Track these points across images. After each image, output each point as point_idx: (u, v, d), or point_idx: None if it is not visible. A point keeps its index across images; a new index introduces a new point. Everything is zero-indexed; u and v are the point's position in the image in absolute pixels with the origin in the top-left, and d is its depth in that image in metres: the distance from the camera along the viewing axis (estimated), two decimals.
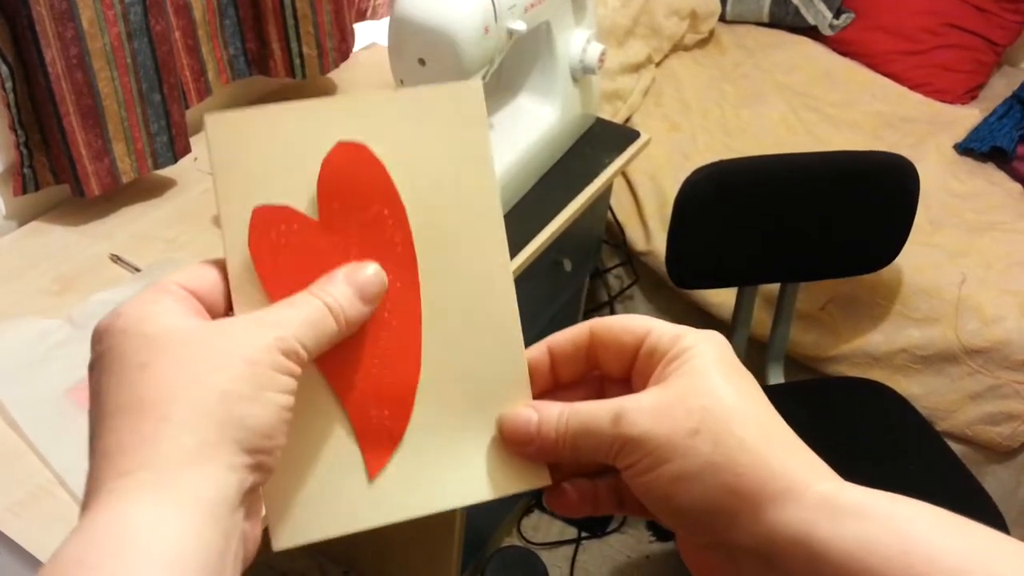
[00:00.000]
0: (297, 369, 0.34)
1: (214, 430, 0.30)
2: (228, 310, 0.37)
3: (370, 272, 0.37)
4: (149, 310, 0.33)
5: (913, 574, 0.30)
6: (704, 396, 0.34)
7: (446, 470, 0.38)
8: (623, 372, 0.39)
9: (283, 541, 0.37)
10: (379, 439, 0.38)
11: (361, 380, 0.37)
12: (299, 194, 0.37)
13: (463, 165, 0.39)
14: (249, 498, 0.33)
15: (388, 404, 0.38)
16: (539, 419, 0.38)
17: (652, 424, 0.34)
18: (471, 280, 0.39)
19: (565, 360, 0.40)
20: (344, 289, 0.36)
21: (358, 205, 0.38)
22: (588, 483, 0.40)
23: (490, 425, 0.39)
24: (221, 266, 0.38)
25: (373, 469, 0.37)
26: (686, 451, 0.33)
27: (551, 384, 0.41)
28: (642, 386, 0.37)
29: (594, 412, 0.36)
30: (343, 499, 0.37)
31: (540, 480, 0.39)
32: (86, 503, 0.30)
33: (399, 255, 0.38)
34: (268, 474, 0.33)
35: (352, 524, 0.37)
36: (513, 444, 0.39)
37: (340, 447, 0.37)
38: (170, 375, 0.31)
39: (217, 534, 0.30)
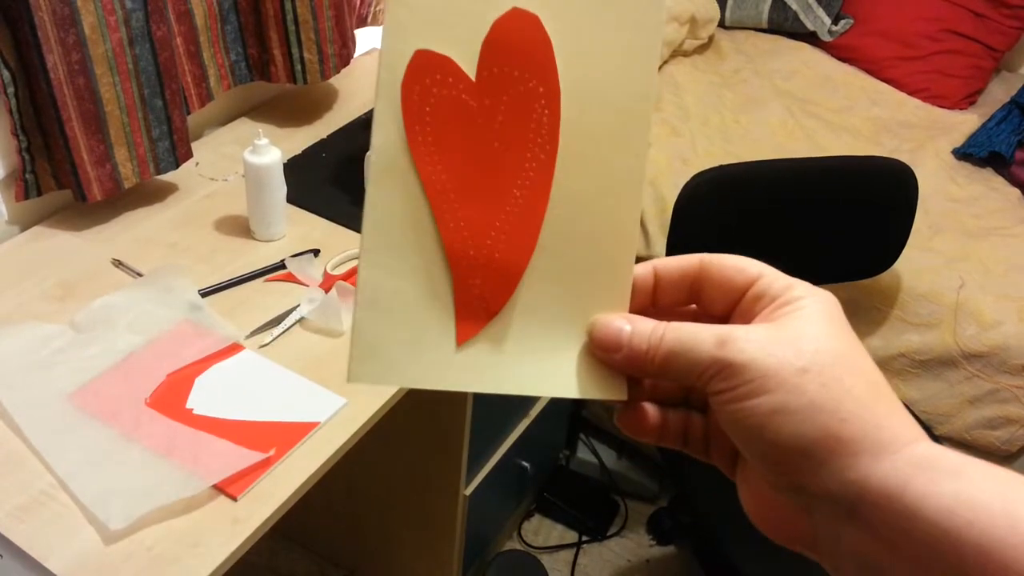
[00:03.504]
0: None
1: None
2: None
3: None
4: None
5: (1019, 533, 0.29)
6: (816, 341, 0.34)
7: (529, 358, 0.39)
8: (724, 310, 0.39)
9: (360, 376, 0.37)
10: (475, 310, 0.38)
11: (475, 248, 0.38)
12: (463, 50, 0.37)
13: (628, 65, 0.38)
14: None
15: (493, 278, 0.38)
16: (632, 329, 0.37)
17: (760, 353, 0.34)
18: (604, 180, 0.39)
19: (669, 285, 0.40)
20: None
21: (516, 76, 0.37)
22: (661, 410, 0.40)
23: (582, 326, 0.39)
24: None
25: (462, 337, 0.38)
26: (792, 387, 0.33)
27: (648, 305, 0.40)
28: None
29: (696, 332, 0.36)
30: (426, 356, 0.38)
31: (618, 393, 0.39)
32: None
33: (542, 135, 0.38)
34: None
35: (427, 381, 0.37)
36: (601, 349, 0.38)
37: (436, 307, 0.38)
38: None
39: None
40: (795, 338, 0.34)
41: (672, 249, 1.44)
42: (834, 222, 1.49)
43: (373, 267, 0.37)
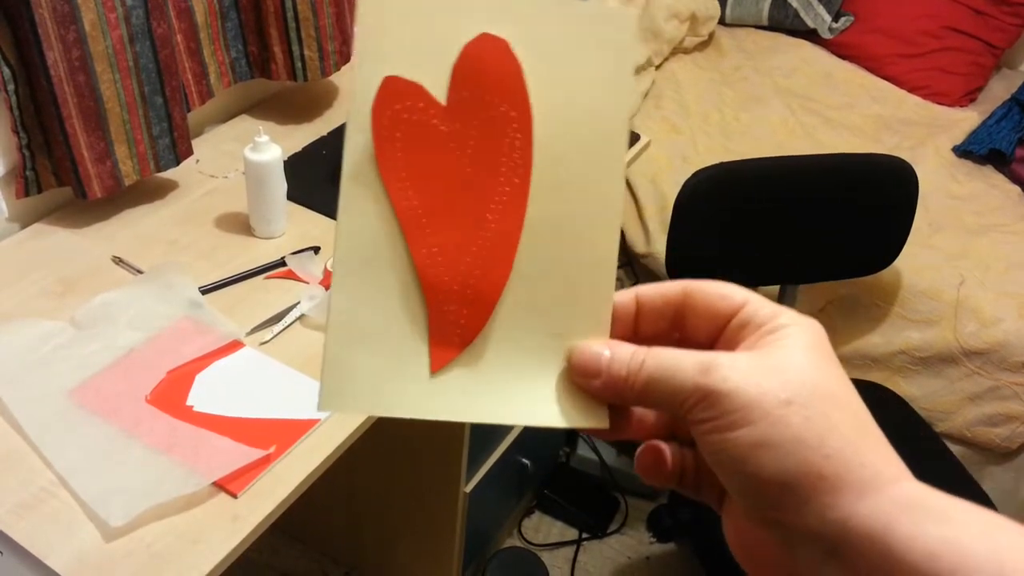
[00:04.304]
0: None
1: None
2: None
3: None
4: None
5: None
6: (802, 372, 0.33)
7: (507, 387, 0.38)
8: (708, 340, 0.38)
9: (330, 404, 0.37)
10: (449, 336, 0.38)
11: (449, 273, 0.37)
12: (433, 75, 0.37)
13: (599, 90, 0.38)
14: None
15: (468, 304, 0.38)
16: (611, 355, 0.37)
17: (744, 382, 0.33)
18: (579, 206, 0.38)
19: (651, 313, 0.39)
20: None
21: (487, 100, 0.37)
22: (670, 448, 0.39)
23: (560, 354, 0.38)
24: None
25: (436, 364, 0.37)
26: (776, 419, 0.32)
27: (630, 334, 0.39)
28: None
29: (677, 358, 0.35)
30: (399, 383, 0.37)
31: (598, 421, 0.38)
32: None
33: (515, 160, 0.38)
34: None
35: (401, 410, 0.37)
36: (580, 375, 0.38)
37: (410, 333, 0.37)
38: None
39: None
40: (780, 368, 0.33)
41: (672, 246, 1.44)
42: (834, 219, 1.49)
43: (345, 292, 0.37)
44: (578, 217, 0.38)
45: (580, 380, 0.38)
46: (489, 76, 0.37)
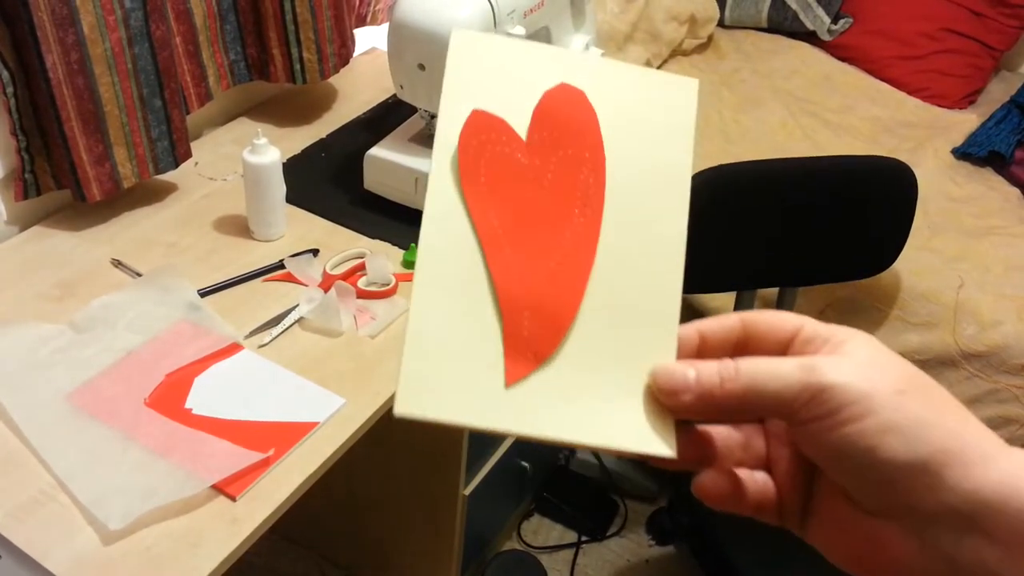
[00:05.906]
0: None
1: None
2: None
3: None
4: None
5: None
6: (895, 367, 0.35)
7: (578, 407, 0.39)
8: None
9: (407, 408, 0.37)
10: (524, 352, 0.39)
11: (524, 289, 0.39)
12: (515, 115, 0.41)
13: (664, 145, 0.42)
14: None
15: (543, 322, 0.39)
16: (697, 370, 0.37)
17: (854, 376, 0.34)
18: (647, 242, 0.41)
19: (714, 345, 0.40)
20: None
21: (564, 141, 0.41)
22: (736, 475, 0.40)
23: (629, 379, 0.39)
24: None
25: (511, 377, 0.38)
26: (896, 406, 0.33)
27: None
28: None
29: (775, 362, 0.35)
30: (475, 393, 0.38)
31: (666, 449, 0.38)
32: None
33: (589, 196, 0.41)
34: None
35: (476, 419, 0.37)
36: (667, 393, 0.37)
37: (486, 343, 0.38)
38: None
39: None
40: (875, 364, 0.35)
41: None
42: (833, 222, 1.49)
43: (424, 301, 0.38)
44: (645, 252, 0.41)
45: (667, 399, 0.38)
46: (567, 120, 0.41)
